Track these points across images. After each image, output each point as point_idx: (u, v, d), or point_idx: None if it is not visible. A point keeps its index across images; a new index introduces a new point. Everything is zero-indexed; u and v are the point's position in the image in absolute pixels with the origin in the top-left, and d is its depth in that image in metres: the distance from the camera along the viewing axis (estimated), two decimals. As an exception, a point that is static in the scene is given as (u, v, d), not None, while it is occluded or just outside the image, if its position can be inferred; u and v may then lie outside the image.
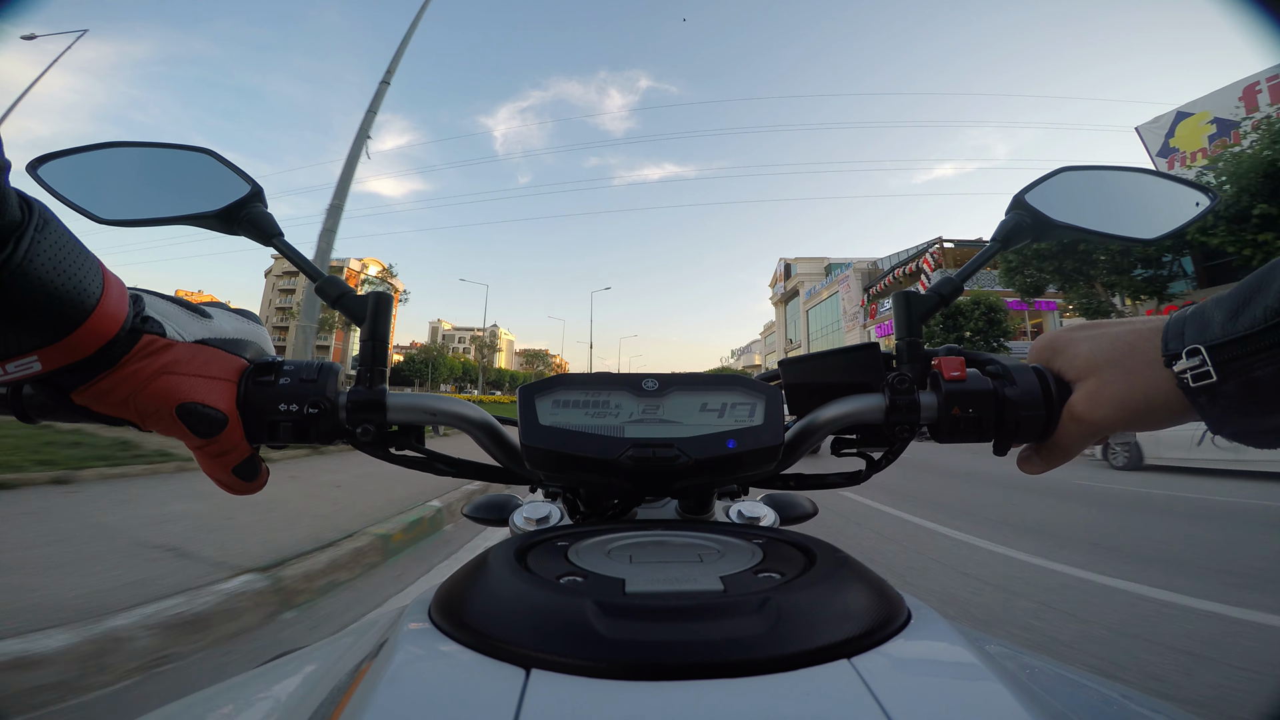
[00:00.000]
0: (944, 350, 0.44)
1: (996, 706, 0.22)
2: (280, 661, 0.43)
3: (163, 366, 0.36)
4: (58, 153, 0.44)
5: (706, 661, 0.23)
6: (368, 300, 0.43)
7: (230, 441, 0.39)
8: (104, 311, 0.31)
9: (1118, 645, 2.11)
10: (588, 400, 0.41)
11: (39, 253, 0.27)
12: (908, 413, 0.42)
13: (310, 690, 0.33)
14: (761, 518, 0.61)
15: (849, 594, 0.28)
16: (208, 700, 0.37)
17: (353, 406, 0.42)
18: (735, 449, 0.39)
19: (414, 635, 0.28)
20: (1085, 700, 0.34)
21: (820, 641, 0.24)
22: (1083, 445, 0.40)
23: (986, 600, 2.62)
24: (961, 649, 0.27)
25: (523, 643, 0.24)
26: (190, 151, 0.48)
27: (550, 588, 0.27)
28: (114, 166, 0.46)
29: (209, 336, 0.40)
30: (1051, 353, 0.41)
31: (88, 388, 0.34)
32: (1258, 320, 0.30)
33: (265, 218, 0.46)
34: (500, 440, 0.47)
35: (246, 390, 0.40)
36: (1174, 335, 0.34)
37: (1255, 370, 0.30)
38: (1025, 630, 2.25)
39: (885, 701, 0.21)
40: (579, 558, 0.34)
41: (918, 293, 0.45)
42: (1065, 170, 0.50)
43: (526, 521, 0.63)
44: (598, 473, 0.40)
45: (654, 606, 0.25)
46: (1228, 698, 1.71)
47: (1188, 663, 1.95)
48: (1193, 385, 0.32)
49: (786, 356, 0.48)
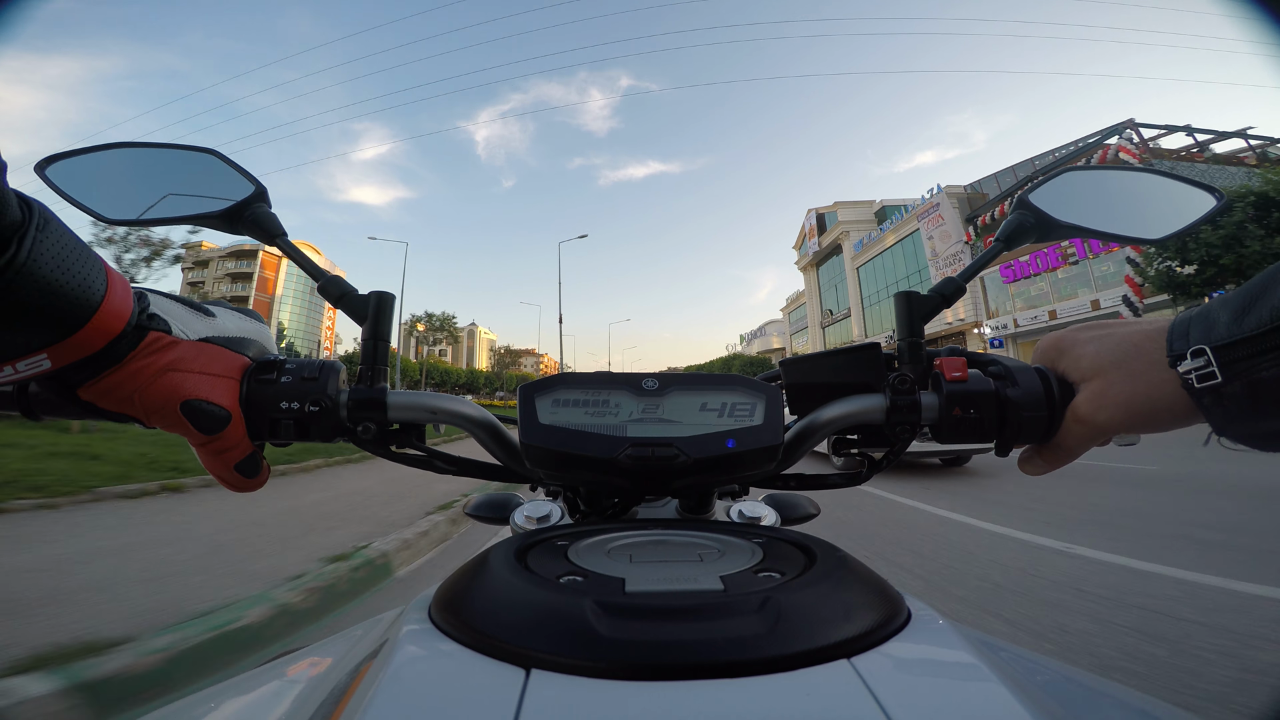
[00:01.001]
0: (945, 351, 0.44)
1: (996, 706, 0.22)
2: (280, 661, 0.43)
3: (168, 364, 0.36)
4: (65, 153, 0.45)
5: (706, 661, 0.23)
6: (369, 300, 0.43)
7: (233, 439, 0.39)
8: (109, 308, 0.32)
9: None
10: (588, 399, 0.41)
11: (41, 252, 0.28)
12: (909, 413, 0.42)
13: (310, 690, 0.33)
14: (762, 518, 0.61)
15: (849, 594, 0.28)
16: (208, 700, 0.37)
17: (354, 405, 0.42)
18: (735, 448, 0.39)
19: (414, 635, 0.28)
20: (1085, 700, 0.33)
21: (820, 641, 0.24)
22: (1086, 447, 0.40)
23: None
24: (961, 649, 0.26)
25: (523, 642, 0.24)
26: (195, 152, 0.48)
27: (550, 587, 0.27)
28: (120, 167, 0.47)
29: (213, 334, 0.40)
30: (1056, 353, 0.41)
31: (94, 384, 0.34)
32: (1264, 321, 0.29)
33: (269, 217, 0.47)
34: (500, 439, 0.47)
35: (249, 388, 0.40)
36: (1179, 336, 0.34)
37: (1261, 371, 0.30)
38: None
39: (885, 701, 0.21)
40: (579, 557, 0.34)
41: (919, 293, 0.45)
42: (1069, 170, 0.50)
43: (527, 520, 0.63)
44: (597, 471, 0.40)
45: (654, 606, 0.25)
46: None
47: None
48: (1197, 386, 0.32)
49: (790, 357, 0.48)
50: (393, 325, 0.44)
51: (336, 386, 0.42)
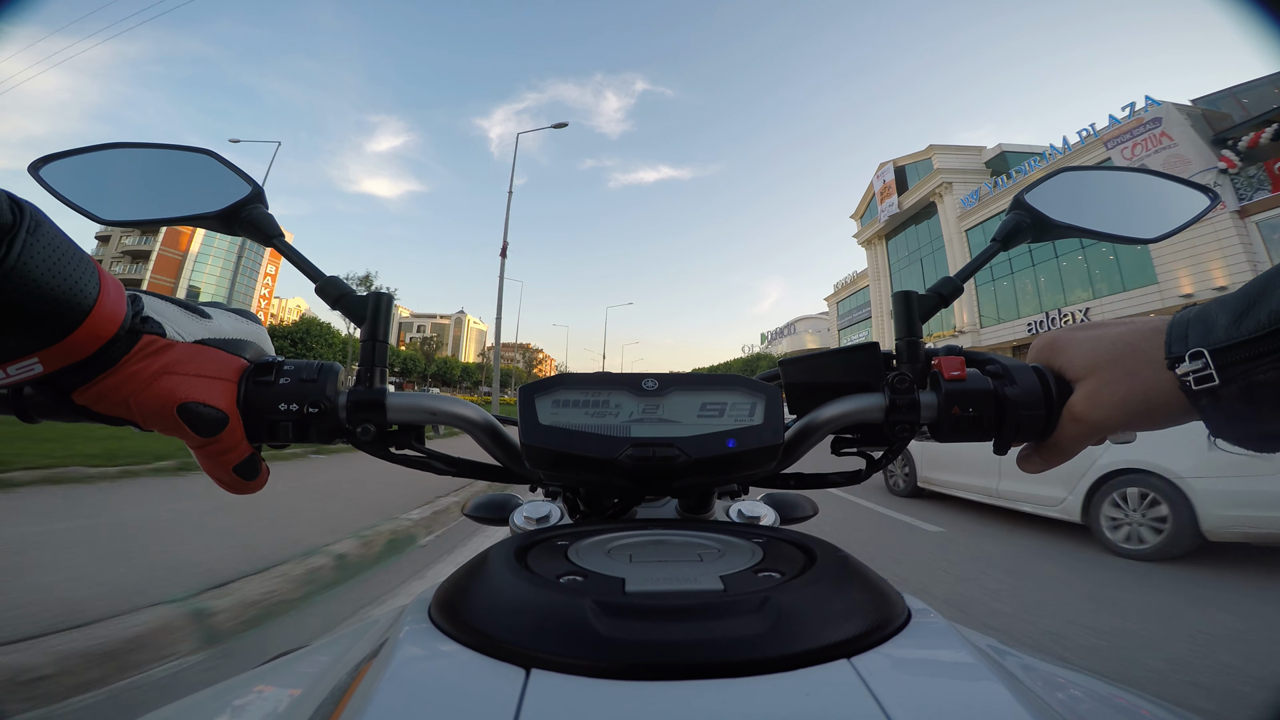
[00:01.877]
0: (944, 350, 0.44)
1: (996, 706, 0.22)
2: (280, 661, 0.43)
3: (163, 367, 0.36)
4: (59, 154, 0.44)
5: (706, 661, 0.23)
6: (368, 301, 0.43)
7: (231, 441, 0.39)
8: (101, 312, 0.31)
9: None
10: (588, 400, 0.41)
11: (32, 255, 0.27)
12: (908, 412, 0.42)
13: (310, 690, 0.33)
14: (761, 517, 0.61)
15: (849, 593, 0.28)
16: (208, 700, 0.37)
17: (353, 406, 0.42)
18: (735, 448, 0.39)
19: (414, 635, 0.28)
20: (1085, 700, 0.34)
21: (820, 641, 0.24)
22: (1083, 445, 0.40)
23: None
24: (961, 649, 0.27)
25: (523, 642, 0.24)
26: (191, 152, 0.48)
27: (550, 587, 0.27)
28: (115, 167, 0.46)
29: (208, 336, 0.40)
30: (1052, 352, 0.41)
31: (88, 389, 0.34)
32: (1262, 324, 0.29)
33: (266, 218, 0.46)
34: (500, 439, 0.47)
35: (247, 390, 0.40)
36: (1177, 338, 0.34)
37: (1258, 375, 0.30)
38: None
39: (885, 701, 0.21)
40: (579, 557, 0.34)
41: (918, 292, 0.45)
42: (1066, 170, 0.50)
43: (526, 520, 0.63)
44: (598, 472, 0.40)
45: (654, 606, 0.25)
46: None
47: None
48: (1195, 389, 0.32)
49: (787, 356, 0.48)
50: (392, 326, 0.44)
51: (335, 387, 0.42)
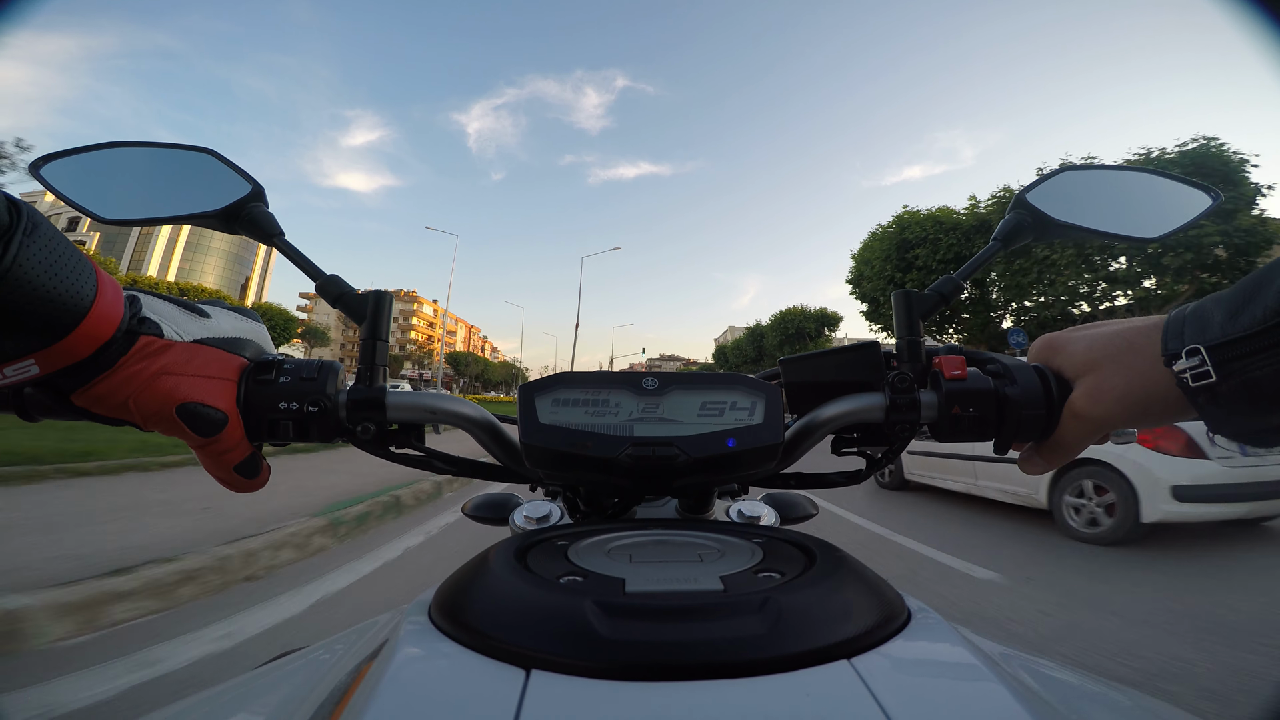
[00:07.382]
0: (944, 349, 0.44)
1: (996, 707, 0.22)
2: (280, 661, 0.43)
3: (162, 367, 0.35)
4: (60, 153, 0.44)
5: (706, 661, 0.23)
6: (367, 299, 0.43)
7: (231, 440, 0.39)
8: (99, 313, 0.31)
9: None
10: (588, 399, 0.41)
11: (29, 256, 0.27)
12: (908, 411, 0.42)
13: (310, 690, 0.33)
14: (761, 517, 0.61)
15: (849, 594, 0.28)
16: (208, 700, 0.37)
17: (353, 405, 0.42)
18: (735, 448, 0.39)
19: (414, 635, 0.28)
20: (1085, 700, 0.33)
21: (820, 641, 0.24)
22: (1084, 443, 0.40)
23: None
24: (961, 649, 0.27)
25: (523, 643, 0.24)
26: (192, 151, 0.48)
27: (550, 587, 0.27)
28: (116, 166, 0.46)
29: (208, 336, 0.40)
30: (1051, 351, 0.41)
31: (87, 390, 0.34)
32: (1257, 320, 0.30)
33: (266, 217, 0.46)
34: (500, 438, 0.47)
35: (247, 389, 0.40)
36: (1174, 334, 0.34)
37: (1254, 370, 0.30)
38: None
39: (885, 702, 0.21)
40: (579, 557, 0.34)
41: (918, 292, 0.45)
42: (1067, 169, 0.50)
43: (526, 520, 0.63)
44: (597, 471, 0.40)
45: (654, 606, 0.25)
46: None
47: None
48: (1192, 385, 0.32)
49: (786, 356, 0.48)
50: (390, 324, 0.44)
51: (335, 386, 0.42)
